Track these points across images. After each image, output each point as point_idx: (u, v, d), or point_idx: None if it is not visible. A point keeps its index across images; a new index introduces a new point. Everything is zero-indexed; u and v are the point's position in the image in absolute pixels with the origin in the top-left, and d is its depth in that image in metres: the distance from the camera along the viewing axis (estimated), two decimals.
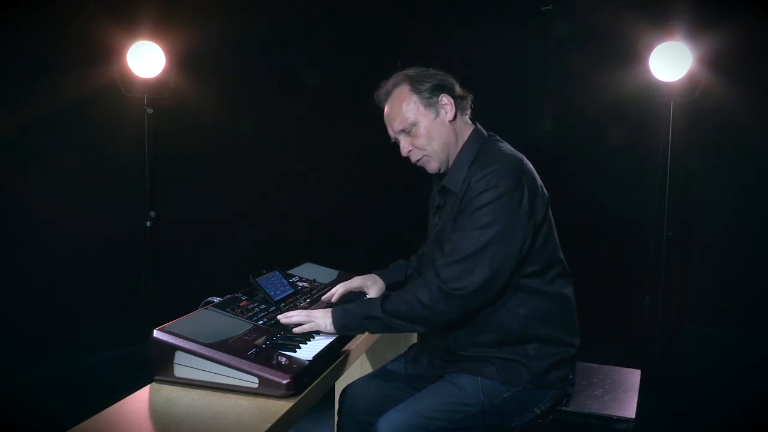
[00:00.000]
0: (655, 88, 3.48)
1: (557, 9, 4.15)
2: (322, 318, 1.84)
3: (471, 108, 1.98)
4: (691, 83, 3.39)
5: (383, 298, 1.81)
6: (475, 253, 1.71)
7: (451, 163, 1.92)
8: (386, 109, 1.94)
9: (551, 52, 4.22)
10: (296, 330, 1.83)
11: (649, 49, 3.42)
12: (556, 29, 4.18)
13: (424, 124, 1.89)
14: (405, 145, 1.92)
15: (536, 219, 1.79)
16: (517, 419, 1.85)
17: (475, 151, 1.89)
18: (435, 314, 1.74)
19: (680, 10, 3.50)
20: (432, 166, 1.94)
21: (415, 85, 1.90)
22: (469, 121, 1.97)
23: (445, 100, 1.90)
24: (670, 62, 3.35)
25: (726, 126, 3.55)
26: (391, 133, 1.95)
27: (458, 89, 1.95)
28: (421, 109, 1.89)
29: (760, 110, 3.44)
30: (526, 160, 1.86)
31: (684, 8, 3.50)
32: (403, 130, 1.90)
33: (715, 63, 3.41)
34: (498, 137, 1.97)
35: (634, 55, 3.60)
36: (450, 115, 1.90)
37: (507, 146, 1.93)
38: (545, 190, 1.88)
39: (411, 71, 1.94)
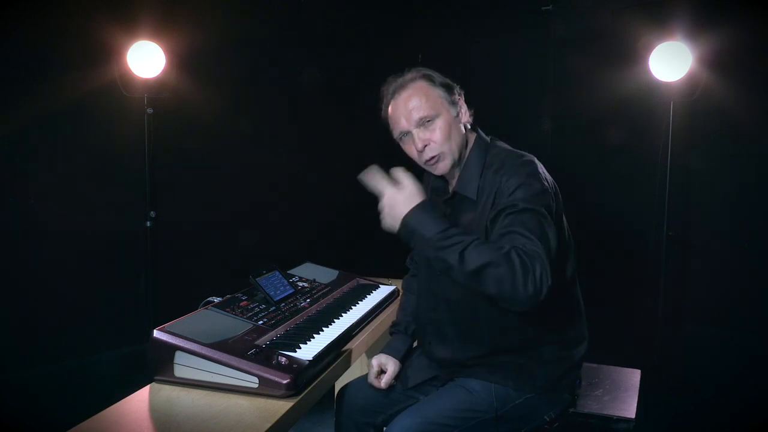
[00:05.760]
0: (655, 88, 3.48)
1: (557, 9, 4.16)
2: (402, 204, 1.62)
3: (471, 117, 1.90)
4: (691, 83, 3.39)
5: (464, 247, 1.54)
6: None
7: (460, 169, 1.82)
8: (402, 99, 1.77)
9: (551, 52, 4.22)
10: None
11: (649, 49, 3.42)
12: (556, 29, 4.18)
13: (446, 119, 1.77)
14: (422, 138, 1.75)
15: (558, 212, 1.75)
16: (527, 425, 1.82)
17: (484, 157, 1.80)
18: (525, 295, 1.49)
19: (680, 10, 3.51)
20: (444, 165, 1.78)
21: (435, 81, 1.80)
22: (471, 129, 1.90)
23: (462, 101, 1.83)
24: (670, 62, 3.35)
25: (726, 126, 3.55)
26: (403, 125, 1.77)
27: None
28: (444, 103, 1.78)
29: (760, 110, 3.44)
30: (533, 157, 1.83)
31: (684, 8, 3.51)
32: (422, 119, 1.74)
33: (715, 63, 3.41)
34: (499, 140, 1.91)
35: (634, 55, 3.60)
36: (466, 117, 1.82)
37: (510, 147, 1.88)
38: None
39: (425, 70, 1.82)
